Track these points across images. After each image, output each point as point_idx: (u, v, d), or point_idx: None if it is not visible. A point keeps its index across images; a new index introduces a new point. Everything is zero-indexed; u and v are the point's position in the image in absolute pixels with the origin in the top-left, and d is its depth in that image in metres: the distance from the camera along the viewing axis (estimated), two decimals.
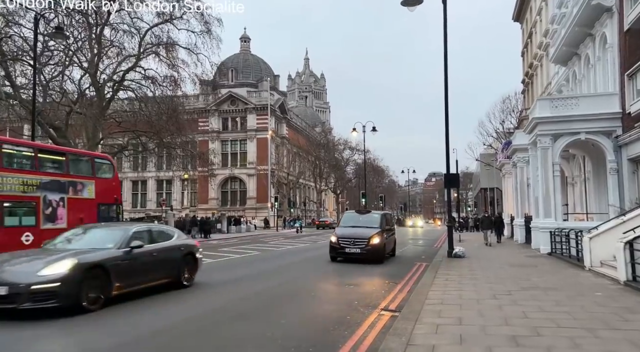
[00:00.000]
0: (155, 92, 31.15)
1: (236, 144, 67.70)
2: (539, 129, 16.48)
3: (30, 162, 14.84)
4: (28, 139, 37.86)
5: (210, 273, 11.77)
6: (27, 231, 13.74)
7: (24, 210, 14.25)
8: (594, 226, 14.46)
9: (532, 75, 35.70)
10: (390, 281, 10.88)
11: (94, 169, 17.05)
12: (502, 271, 11.71)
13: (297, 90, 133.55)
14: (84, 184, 16.13)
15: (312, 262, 15.75)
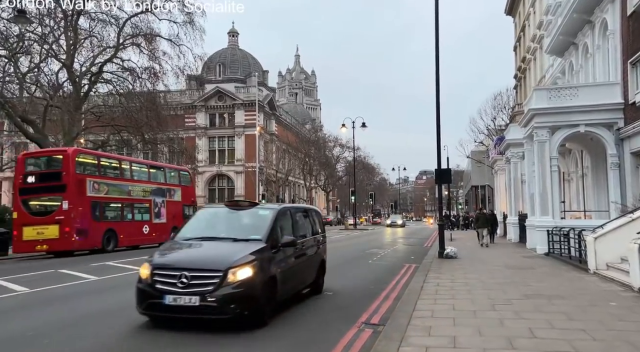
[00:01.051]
0: (134, 84, 29.77)
1: (224, 140, 66.26)
2: (535, 121, 15.47)
3: (146, 175, 21.61)
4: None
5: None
6: (146, 224, 20.65)
7: (143, 209, 20.80)
8: (594, 224, 13.48)
9: (525, 70, 34.83)
10: (374, 286, 9.78)
11: (180, 179, 23.76)
12: (498, 274, 10.66)
13: (288, 87, 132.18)
14: (175, 190, 22.66)
15: None
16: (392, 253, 18.44)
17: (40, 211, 17.63)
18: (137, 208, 20.49)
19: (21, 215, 17.34)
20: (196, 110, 66.20)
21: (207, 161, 65.56)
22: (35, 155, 19.85)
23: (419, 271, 11.70)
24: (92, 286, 10.03)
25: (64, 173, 17.41)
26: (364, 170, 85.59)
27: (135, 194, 20.34)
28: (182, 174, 24.79)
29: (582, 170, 18.69)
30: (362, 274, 11.93)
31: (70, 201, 17.16)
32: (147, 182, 21.25)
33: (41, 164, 18.78)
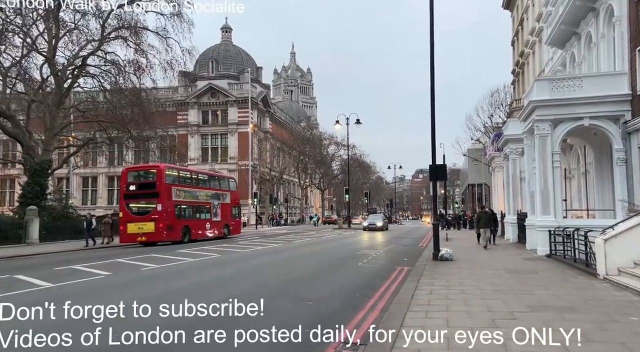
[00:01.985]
0: (117, 78, 28.63)
1: (216, 138, 65.10)
2: (536, 113, 14.49)
3: (207, 183, 26.98)
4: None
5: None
6: (207, 221, 25.49)
7: (206, 210, 25.68)
8: (600, 224, 12.52)
9: (523, 64, 33.87)
10: (361, 294, 8.77)
11: (229, 185, 29.55)
12: (497, 279, 9.68)
13: (283, 85, 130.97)
14: (226, 195, 27.92)
15: (272, 267, 13.60)
16: (384, 254, 17.43)
17: (139, 212, 22.63)
18: (202, 209, 25.63)
19: (125, 214, 22.59)
20: (188, 107, 64.99)
21: (200, 159, 64.40)
22: (135, 169, 25.38)
23: (411, 276, 10.71)
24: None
25: (157, 183, 22.55)
26: (360, 168, 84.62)
27: (201, 198, 25.69)
28: (230, 181, 31.07)
29: (584, 167, 17.74)
30: (349, 279, 10.92)
31: (162, 204, 22.33)
32: (208, 188, 26.70)
33: (140, 176, 23.68)
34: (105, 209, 58.40)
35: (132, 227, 22.06)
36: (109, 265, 13.44)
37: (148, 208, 22.46)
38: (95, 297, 8.01)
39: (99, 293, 8.88)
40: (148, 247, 20.71)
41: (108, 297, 7.59)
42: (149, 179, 23.00)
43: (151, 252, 17.38)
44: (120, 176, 26.61)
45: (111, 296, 8.02)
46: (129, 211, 22.61)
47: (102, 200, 64.91)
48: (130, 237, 22.20)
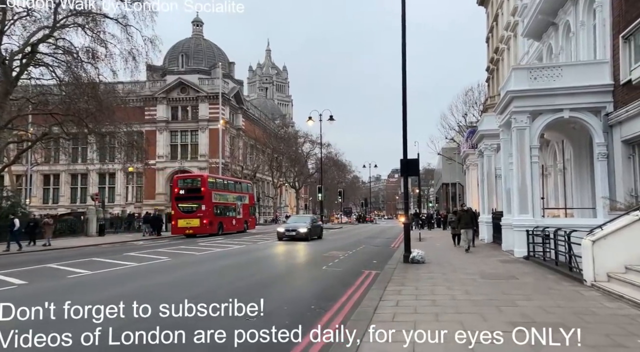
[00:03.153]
0: (72, 67, 26.57)
1: (186, 135, 62.87)
2: (514, 105, 13.52)
3: (233, 187, 33.41)
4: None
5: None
6: (234, 219, 31.62)
7: (232, 209, 31.82)
8: (582, 223, 11.62)
9: (497, 61, 33.31)
10: (317, 305, 7.50)
11: (248, 189, 36.55)
12: (473, 286, 8.55)
13: (258, 82, 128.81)
14: (245, 197, 34.45)
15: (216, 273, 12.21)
16: (352, 256, 16.23)
17: (187, 210, 28.87)
18: (231, 208, 31.82)
19: (176, 213, 29.21)
20: (157, 102, 62.56)
21: (169, 157, 62.09)
22: (184, 178, 32.34)
23: (377, 282, 9.51)
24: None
25: (202, 188, 29.22)
26: (335, 167, 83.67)
27: (230, 200, 32.02)
28: (248, 185, 38.31)
29: (562, 164, 16.94)
30: (309, 286, 9.66)
31: (205, 205, 28.70)
32: (234, 192, 33.19)
33: (187, 183, 30.75)
34: (67, 208, 55.60)
35: (182, 222, 28.65)
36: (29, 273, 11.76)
37: (194, 208, 28.81)
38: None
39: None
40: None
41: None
42: (195, 185, 30.04)
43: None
44: (172, 182, 34.43)
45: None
46: (179, 210, 29.22)
47: (65, 199, 61.92)
48: (180, 230, 28.58)
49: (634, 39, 11.42)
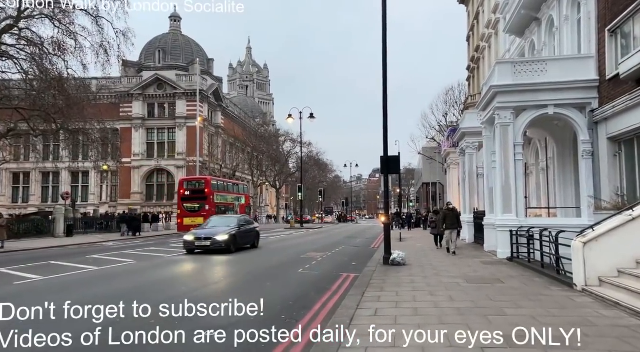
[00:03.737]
0: (37, 59, 25.24)
1: (163, 132, 61.39)
2: (498, 100, 13.04)
3: (232, 188, 37.07)
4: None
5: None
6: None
7: (231, 208, 33.95)
8: (568, 223, 11.22)
9: (478, 59, 33.11)
10: (289, 315, 6.79)
11: (244, 190, 40.79)
12: (457, 291, 7.96)
13: (239, 80, 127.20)
14: (242, 197, 37.68)
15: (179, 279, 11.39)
16: (331, 257, 15.57)
17: (192, 210, 31.34)
18: (230, 208, 33.95)
19: (182, 212, 31.75)
20: (132, 99, 60.93)
21: (145, 155, 60.54)
22: (189, 180, 34.84)
23: (355, 287, 8.85)
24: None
25: (206, 190, 31.65)
26: (316, 167, 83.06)
27: (230, 200, 34.75)
28: (245, 187, 42.62)
29: (545, 162, 16.59)
30: (281, 292, 8.91)
31: (208, 205, 31.09)
32: (233, 193, 36.46)
33: (192, 184, 33.17)
34: (38, 208, 53.61)
35: (187, 221, 30.62)
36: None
37: (198, 207, 31.32)
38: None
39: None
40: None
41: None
42: (200, 187, 32.31)
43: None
44: (178, 184, 37.13)
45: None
46: (185, 210, 31.80)
47: (36, 198, 59.83)
48: (185, 227, 29.67)
49: (621, 32, 11.03)
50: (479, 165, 20.26)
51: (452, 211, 15.14)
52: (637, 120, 10.12)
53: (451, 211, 15.07)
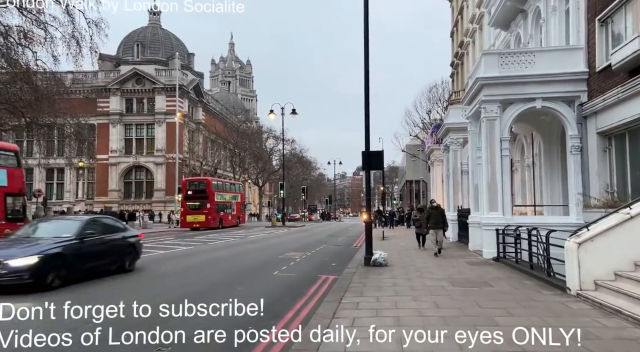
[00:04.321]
0: (2, 48, 23.91)
1: (142, 128, 59.92)
2: (484, 93, 12.48)
3: (229, 188, 39.60)
4: None
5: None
6: (229, 215, 37.00)
7: (229, 206, 37.29)
8: (558, 222, 10.72)
9: (462, 55, 32.71)
10: (257, 326, 6.05)
11: (240, 189, 43.07)
12: (442, 296, 7.33)
13: (221, 76, 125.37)
14: (238, 196, 40.22)
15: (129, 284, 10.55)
16: (311, 258, 14.87)
17: (194, 208, 33.45)
18: (228, 206, 37.11)
19: (185, 209, 34.00)
20: (110, 93, 59.30)
21: (123, 151, 59.03)
22: (191, 181, 37.06)
23: (332, 292, 8.17)
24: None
25: (207, 190, 34.15)
26: (300, 164, 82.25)
27: (228, 199, 37.40)
28: (240, 186, 44.42)
29: (531, 159, 16.15)
30: (252, 297, 8.11)
31: (210, 203, 33.61)
32: (230, 192, 38.83)
33: (194, 185, 35.43)
34: None
35: (190, 218, 33.50)
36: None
37: (200, 205, 33.60)
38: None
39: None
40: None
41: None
42: (201, 187, 34.78)
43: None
44: (182, 184, 37.49)
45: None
46: (188, 208, 33.97)
47: None
48: (188, 224, 33.31)
49: (612, 21, 10.55)
50: (463, 162, 19.80)
51: (436, 209, 13.93)
52: (629, 113, 9.64)
53: (435, 209, 13.86)
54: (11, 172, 16.45)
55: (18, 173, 17.14)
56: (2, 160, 16.45)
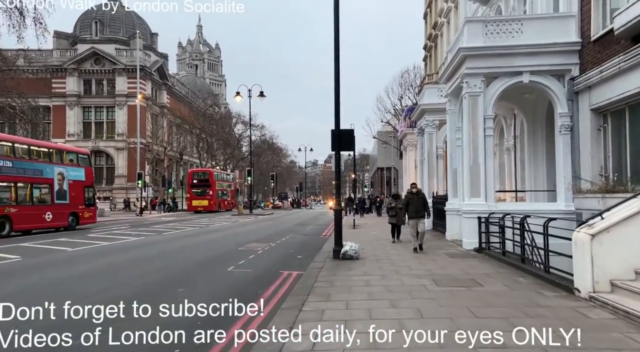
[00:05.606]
0: None
1: (102, 111, 56.52)
2: (467, 66, 11.18)
3: (226, 178, 49.23)
4: None
5: None
6: (225, 200, 46.10)
7: (226, 193, 46.87)
8: (546, 209, 9.60)
9: (436, 37, 31.56)
10: (190, 347, 4.55)
11: (234, 179, 55.71)
12: (427, 301, 6.00)
13: (188, 59, 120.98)
14: (232, 184, 51.33)
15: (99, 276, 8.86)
16: (275, 249, 13.40)
17: (199, 194, 41.62)
18: (225, 193, 44.82)
19: (191, 196, 42.34)
20: (66, 74, 55.51)
21: (81, 135, 55.56)
22: (196, 172, 45.86)
23: (294, 294, 6.73)
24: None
25: (210, 179, 42.55)
26: (270, 151, 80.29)
27: (225, 186, 45.32)
28: (234, 176, 51.26)
29: (512, 141, 15.07)
30: (195, 301, 6.61)
31: (212, 190, 42.00)
32: (227, 181, 46.51)
33: (199, 175, 44.24)
34: None
35: (195, 202, 41.34)
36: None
37: (203, 192, 41.42)
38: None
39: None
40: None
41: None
42: (205, 177, 43.11)
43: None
44: (188, 174, 46.27)
45: None
46: (193, 194, 41.91)
47: None
48: (193, 208, 41.04)
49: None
50: (439, 146, 18.67)
51: (416, 194, 11.29)
52: (632, 85, 8.50)
53: (415, 195, 11.26)
54: (87, 171, 22.53)
55: (90, 171, 23.06)
56: (82, 162, 22.43)
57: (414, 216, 10.97)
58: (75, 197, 20.99)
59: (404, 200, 11.57)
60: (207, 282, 8.24)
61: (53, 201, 19.68)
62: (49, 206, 19.48)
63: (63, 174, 20.31)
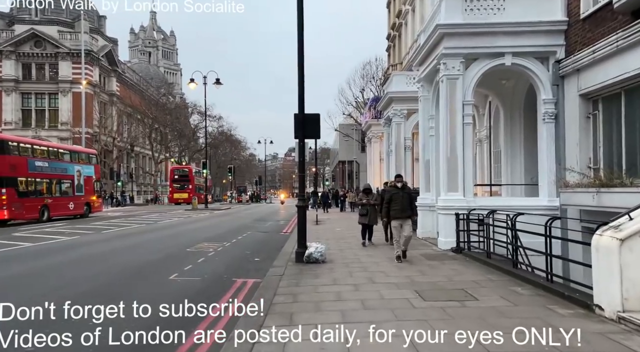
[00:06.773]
0: None
1: (43, 98, 52.46)
2: (445, 45, 10.04)
3: (200, 174, 49.00)
4: None
5: None
6: (202, 194, 43.45)
7: (201, 188, 48.11)
8: (533, 204, 8.63)
9: (400, 26, 30.64)
10: None
11: (208, 176, 49.94)
12: (416, 324, 4.75)
13: (141, 46, 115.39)
14: (207, 181, 49.52)
15: None
16: (229, 250, 11.87)
17: (179, 188, 47.57)
18: (201, 188, 47.50)
19: (172, 190, 48.59)
20: (3, 56, 51.01)
21: (20, 124, 51.36)
22: (177, 168, 51.30)
23: (246, 315, 5.28)
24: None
25: (189, 175, 49.09)
26: (229, 143, 77.64)
27: (201, 182, 48.38)
28: (207, 173, 46.28)
29: (486, 131, 14.19)
30: (113, 332, 5.05)
31: (191, 185, 47.87)
32: (201, 177, 47.71)
33: (180, 171, 50.14)
34: None
35: (177, 195, 46.96)
36: None
37: (183, 186, 47.22)
38: None
39: None
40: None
41: None
42: (185, 173, 49.15)
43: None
44: (170, 171, 51.90)
45: None
46: (175, 188, 47.88)
47: None
48: (174, 200, 46.61)
49: None
50: (407, 137, 17.64)
51: (402, 189, 8.99)
52: (630, 66, 7.59)
53: (401, 190, 8.96)
54: (96, 168, 27.46)
55: (98, 168, 28.33)
56: (93, 160, 27.46)
57: (399, 216, 8.72)
58: (88, 190, 25.57)
59: (386, 196, 9.16)
60: (138, 297, 6.63)
61: (74, 193, 24.20)
62: (71, 197, 23.98)
63: (80, 171, 24.80)
